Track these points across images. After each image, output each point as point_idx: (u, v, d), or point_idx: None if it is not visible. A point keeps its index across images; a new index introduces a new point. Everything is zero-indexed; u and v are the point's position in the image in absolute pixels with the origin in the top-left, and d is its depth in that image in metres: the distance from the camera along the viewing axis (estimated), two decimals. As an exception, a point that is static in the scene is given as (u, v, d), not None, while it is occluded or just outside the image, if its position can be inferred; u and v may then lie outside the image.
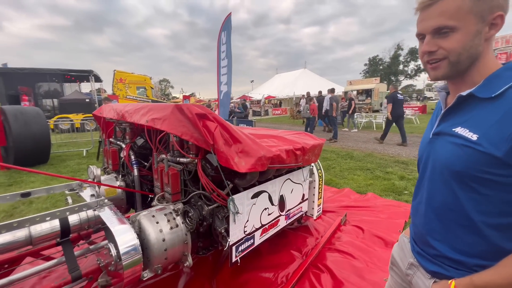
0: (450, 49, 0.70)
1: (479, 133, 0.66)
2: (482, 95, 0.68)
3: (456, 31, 0.68)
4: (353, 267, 2.19)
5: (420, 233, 0.86)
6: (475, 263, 0.71)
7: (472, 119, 0.69)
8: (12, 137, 5.76)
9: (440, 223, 0.78)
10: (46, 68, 17.90)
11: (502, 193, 0.65)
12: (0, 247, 1.39)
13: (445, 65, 0.72)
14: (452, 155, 0.71)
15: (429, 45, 0.73)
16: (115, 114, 2.07)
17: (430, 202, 0.82)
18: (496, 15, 0.65)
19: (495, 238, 0.68)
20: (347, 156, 6.45)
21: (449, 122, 0.76)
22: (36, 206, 3.71)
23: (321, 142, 2.27)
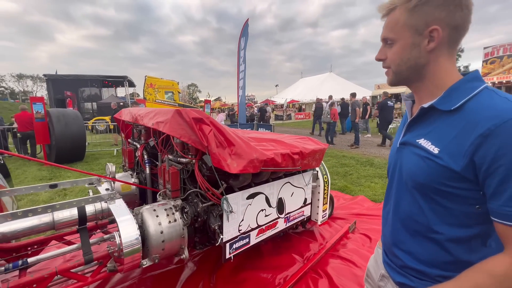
0: (390, 59, 0.74)
1: (440, 147, 0.66)
2: (442, 107, 0.68)
3: (395, 43, 0.72)
4: (353, 275, 2.15)
5: (389, 243, 0.86)
6: (438, 273, 0.72)
7: (434, 132, 0.70)
8: (55, 137, 6.50)
9: (406, 234, 0.78)
10: (87, 75, 19.83)
11: (462, 206, 0.66)
12: (29, 229, 1.63)
13: (391, 73, 0.77)
14: (416, 166, 0.72)
15: (379, 53, 0.78)
16: (130, 117, 2.30)
17: (396, 212, 0.82)
18: (431, 29, 0.66)
19: (455, 250, 0.69)
20: (367, 163, 6.22)
21: (413, 133, 0.77)
22: (69, 198, 4.15)
23: (323, 147, 2.28)
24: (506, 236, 0.60)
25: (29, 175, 5.76)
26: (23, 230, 1.60)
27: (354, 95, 9.48)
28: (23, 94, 60.72)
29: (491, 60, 18.69)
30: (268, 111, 17.81)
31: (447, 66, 0.71)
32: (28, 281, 1.43)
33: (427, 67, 0.71)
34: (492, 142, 0.57)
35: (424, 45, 0.68)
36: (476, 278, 0.61)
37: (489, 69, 18.75)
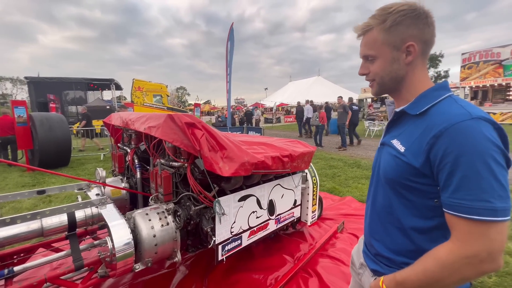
0: (374, 72, 0.83)
1: (406, 146, 0.75)
2: (410, 112, 0.78)
3: (376, 59, 0.81)
4: (342, 273, 2.23)
5: (367, 234, 0.95)
6: (402, 261, 0.80)
7: (404, 133, 0.79)
8: (38, 141, 6.29)
9: (380, 225, 0.87)
10: (72, 77, 19.24)
11: (423, 199, 0.74)
12: (17, 237, 1.60)
13: (375, 85, 0.85)
14: (388, 164, 0.81)
15: (362, 69, 0.87)
16: (121, 121, 2.30)
17: (374, 205, 0.91)
18: (408, 44, 0.76)
19: (418, 239, 0.77)
20: (354, 165, 6.39)
21: (390, 134, 0.86)
22: (54, 204, 4.03)
23: (311, 150, 2.36)
24: (451, 224, 0.67)
25: (10, 182, 5.53)
26: (10, 238, 1.56)
27: (342, 98, 9.74)
28: (2, 97, 58.00)
29: (469, 65, 19.68)
30: (258, 114, 17.94)
31: (421, 76, 0.81)
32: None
33: (406, 77, 0.81)
34: (441, 142, 0.65)
35: (403, 59, 0.78)
36: (425, 262, 0.70)
37: (467, 74, 19.72)
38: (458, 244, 0.64)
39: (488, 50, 18.73)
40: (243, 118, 16.44)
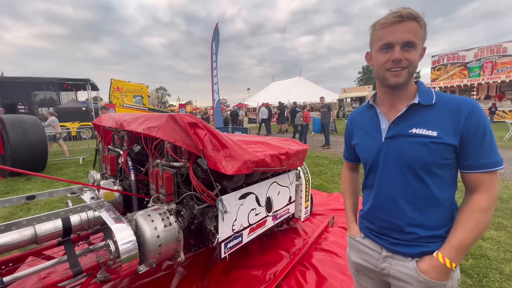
0: (412, 61, 0.87)
1: (437, 130, 0.85)
2: (425, 103, 0.89)
3: (415, 48, 0.86)
4: (337, 265, 2.34)
5: (393, 225, 0.95)
6: (444, 231, 0.91)
7: (422, 121, 0.88)
8: (10, 146, 5.86)
9: (415, 211, 0.91)
10: (42, 77, 18.02)
11: (449, 171, 0.89)
12: (9, 245, 1.52)
13: (406, 73, 0.88)
14: (420, 150, 0.87)
15: (399, 54, 0.87)
16: (114, 123, 2.24)
17: (403, 196, 0.92)
18: (424, 47, 0.90)
19: (450, 206, 0.92)
20: (339, 162, 6.64)
21: (401, 126, 0.92)
22: (34, 212, 3.80)
23: (305, 148, 2.45)
24: (477, 180, 0.86)
25: (-21, 190, 5.11)
26: (1, 246, 1.48)
27: (324, 98, 10.08)
28: (-41, 99, 52.73)
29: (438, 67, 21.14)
30: (241, 114, 17.96)
31: None
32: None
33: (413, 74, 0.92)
34: (472, 119, 0.83)
35: (420, 57, 0.90)
36: (472, 218, 0.85)
37: (437, 75, 21.16)
38: (488, 193, 0.84)
39: (455, 53, 20.28)
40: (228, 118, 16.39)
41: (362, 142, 1.07)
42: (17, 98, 16.32)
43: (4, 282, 1.62)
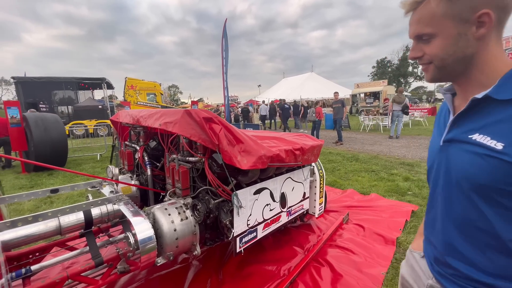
0: (432, 54, 0.68)
1: (504, 142, 0.57)
2: (500, 97, 0.60)
3: (435, 37, 0.66)
4: (352, 262, 2.30)
5: (439, 252, 0.75)
6: (507, 286, 0.63)
7: (491, 125, 0.61)
8: (33, 143, 6.15)
9: (464, 242, 0.68)
10: (61, 77, 18.76)
11: None
12: (36, 235, 1.59)
13: (432, 69, 0.70)
14: (473, 166, 0.63)
15: (414, 51, 0.72)
16: (130, 119, 2.29)
17: (448, 218, 0.72)
18: (480, 13, 0.60)
19: None
20: (352, 159, 6.51)
21: (462, 128, 0.68)
22: (56, 205, 3.98)
23: (320, 143, 2.41)
24: None
25: (7, 184, 5.41)
26: (30, 236, 1.56)
27: (338, 93, 9.88)
28: (-14, 98, 56.00)
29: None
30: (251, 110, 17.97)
31: (497, 52, 0.64)
32: (40, 286, 1.41)
33: (476, 56, 0.65)
34: None
35: (472, 33, 0.62)
36: None
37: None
38: None
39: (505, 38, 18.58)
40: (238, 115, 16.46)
41: (431, 141, 0.85)
42: (39, 97, 17.06)
43: (32, 270, 1.71)
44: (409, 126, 13.10)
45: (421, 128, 12.23)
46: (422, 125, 13.29)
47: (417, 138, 9.52)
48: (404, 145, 8.16)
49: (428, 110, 18.00)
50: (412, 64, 47.22)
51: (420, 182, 4.38)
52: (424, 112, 15.95)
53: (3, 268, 1.20)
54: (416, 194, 3.86)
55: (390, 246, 2.54)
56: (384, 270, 2.20)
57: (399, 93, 10.04)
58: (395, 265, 2.25)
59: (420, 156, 6.49)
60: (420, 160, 6.06)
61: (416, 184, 4.31)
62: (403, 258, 2.31)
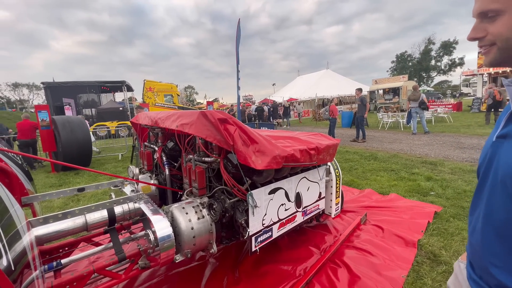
0: (495, 34, 0.61)
1: None
2: None
3: (502, 14, 0.59)
4: (370, 264, 2.25)
5: (478, 256, 0.70)
6: None
7: None
8: (61, 144, 6.55)
9: (503, 247, 0.62)
10: (86, 81, 19.81)
11: None
12: (65, 231, 1.71)
13: (494, 51, 0.63)
14: None
15: (475, 31, 0.65)
16: (149, 120, 2.38)
17: (489, 219, 0.66)
18: None
19: None
20: (370, 157, 6.32)
21: None
22: (82, 203, 4.22)
23: (336, 143, 2.37)
24: None
25: (38, 183, 5.80)
26: (61, 232, 1.67)
27: (360, 90, 9.59)
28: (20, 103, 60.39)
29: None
30: (265, 110, 17.97)
31: None
32: (70, 279, 1.51)
33: None
34: None
35: None
36: None
37: (485, 60, 18.86)
38: None
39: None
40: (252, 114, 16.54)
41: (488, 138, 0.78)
42: (66, 101, 18.10)
43: (62, 264, 1.83)
44: (432, 123, 12.48)
45: (445, 125, 11.60)
46: (446, 122, 12.60)
47: (440, 135, 9.05)
48: (427, 143, 7.79)
49: (453, 105, 17.03)
50: (435, 58, 44.87)
51: (444, 182, 4.17)
52: (448, 108, 15.09)
53: (37, 261, 1.29)
54: (439, 195, 3.69)
55: (411, 249, 2.44)
56: (405, 273, 2.12)
57: (414, 90, 9.65)
58: (416, 268, 2.17)
59: (444, 154, 6.17)
60: (444, 158, 5.76)
61: (440, 184, 4.11)
62: (425, 261, 2.24)
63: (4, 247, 0.92)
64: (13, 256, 0.97)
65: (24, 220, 1.32)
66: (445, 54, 43.30)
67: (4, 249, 0.90)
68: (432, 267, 2.18)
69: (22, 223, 1.26)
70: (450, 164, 5.18)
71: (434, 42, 44.18)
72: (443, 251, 2.36)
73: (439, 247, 2.43)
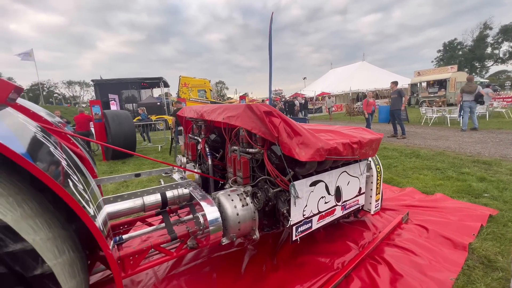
0: None
1: None
2: None
3: None
4: (414, 263, 2.16)
5: None
6: None
7: None
8: (111, 135, 7.26)
9: None
10: (128, 78, 21.49)
11: None
12: (127, 210, 1.95)
13: None
14: None
15: None
16: (194, 114, 2.55)
17: None
18: None
19: None
20: (412, 155, 5.92)
21: None
22: (132, 189, 4.67)
23: (379, 137, 2.29)
24: None
25: (93, 169, 6.54)
26: (125, 210, 1.91)
27: (395, 83, 8.97)
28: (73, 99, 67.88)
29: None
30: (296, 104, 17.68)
31: None
32: (132, 251, 1.72)
33: None
34: None
35: None
36: None
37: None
38: None
39: None
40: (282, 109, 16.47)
41: None
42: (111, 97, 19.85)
43: (123, 239, 2.09)
44: (486, 119, 11.17)
45: (503, 121, 10.29)
46: (503, 117, 11.17)
47: (496, 132, 8.08)
48: (479, 140, 7.03)
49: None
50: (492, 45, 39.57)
51: (501, 183, 3.76)
52: (507, 102, 13.31)
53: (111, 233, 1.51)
54: (495, 197, 3.34)
55: (461, 251, 2.29)
56: (453, 276, 2.01)
57: (468, 81, 8.66)
58: (467, 272, 2.03)
59: (501, 153, 5.53)
60: (501, 158, 5.16)
61: (495, 185, 3.71)
62: (478, 266, 2.09)
63: (95, 211, 1.10)
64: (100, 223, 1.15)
65: (100, 197, 1.55)
66: (504, 40, 37.92)
67: (95, 213, 1.08)
68: (486, 272, 2.03)
69: (99, 199, 1.48)
70: (509, 165, 4.64)
71: (491, 27, 38.88)
72: (499, 257, 2.17)
73: (494, 253, 2.23)
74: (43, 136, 1.20)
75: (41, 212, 0.88)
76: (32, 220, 0.82)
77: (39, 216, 0.86)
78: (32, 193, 0.90)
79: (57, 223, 0.95)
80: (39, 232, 0.81)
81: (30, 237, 0.76)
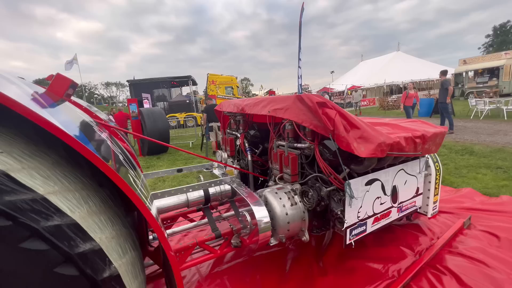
0: None
1: None
2: None
3: None
4: (488, 276, 1.87)
5: None
6: None
7: None
8: (147, 132, 7.60)
9: None
10: (159, 78, 22.44)
11: None
12: (172, 206, 1.94)
13: None
14: None
15: None
16: (234, 108, 2.47)
17: None
18: None
19: None
20: (464, 151, 5.31)
21: None
22: (168, 184, 4.81)
23: (443, 131, 2.01)
24: None
25: (131, 164, 6.90)
26: (168, 206, 1.90)
27: (444, 73, 8.10)
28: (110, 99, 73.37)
29: None
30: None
31: None
32: (179, 248, 1.69)
33: None
34: None
35: None
36: None
37: None
38: None
39: None
40: None
41: None
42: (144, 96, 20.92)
43: (167, 233, 2.09)
44: (551, 110, 9.68)
45: None
46: None
47: None
48: None
49: None
50: (555, 25, 34.36)
51: None
52: None
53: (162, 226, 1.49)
54: None
55: (547, 266, 1.93)
56: (542, 295, 1.69)
57: None
58: (560, 292, 1.70)
59: None
60: None
61: None
62: None
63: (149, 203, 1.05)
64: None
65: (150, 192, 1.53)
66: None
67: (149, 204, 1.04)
68: None
69: (150, 194, 1.46)
70: None
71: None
72: None
73: None
74: (99, 131, 1.18)
75: (103, 209, 0.84)
76: (97, 217, 0.78)
77: (103, 213, 0.82)
78: (94, 189, 0.86)
79: (118, 220, 0.91)
80: (104, 230, 0.76)
81: (97, 236, 0.71)
